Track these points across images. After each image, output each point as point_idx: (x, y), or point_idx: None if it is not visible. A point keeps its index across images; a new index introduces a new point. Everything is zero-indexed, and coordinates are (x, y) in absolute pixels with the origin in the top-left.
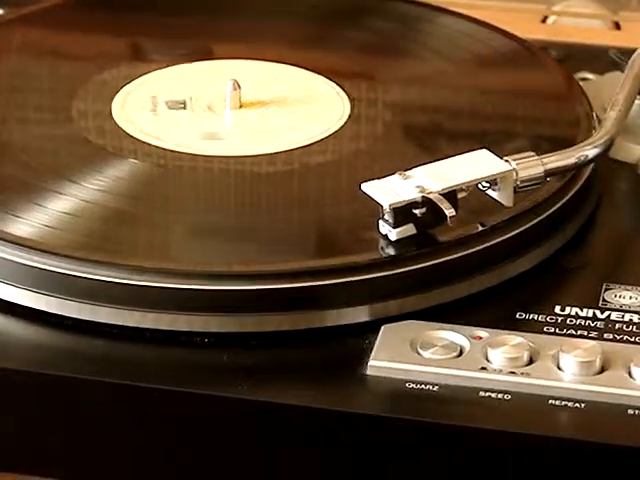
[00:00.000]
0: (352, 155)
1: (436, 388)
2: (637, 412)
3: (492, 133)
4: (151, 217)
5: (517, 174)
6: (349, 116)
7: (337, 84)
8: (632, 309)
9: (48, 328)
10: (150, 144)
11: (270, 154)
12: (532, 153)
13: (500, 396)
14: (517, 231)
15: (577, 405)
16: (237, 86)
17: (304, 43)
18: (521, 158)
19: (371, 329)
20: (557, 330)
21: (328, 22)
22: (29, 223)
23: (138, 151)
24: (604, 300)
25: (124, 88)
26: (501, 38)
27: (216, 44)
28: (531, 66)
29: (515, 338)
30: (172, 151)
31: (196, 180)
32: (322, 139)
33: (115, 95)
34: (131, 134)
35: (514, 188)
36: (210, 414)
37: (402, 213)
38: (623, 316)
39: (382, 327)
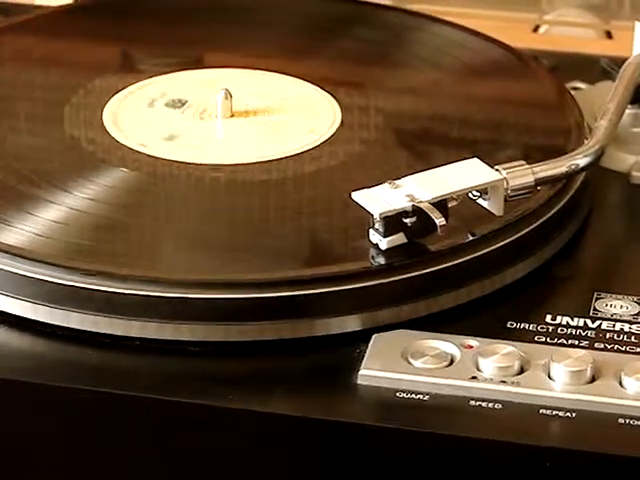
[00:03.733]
0: (343, 164)
1: (427, 397)
2: (628, 421)
3: (483, 142)
4: (142, 226)
5: (507, 183)
6: (340, 125)
7: (329, 93)
8: (623, 318)
9: (39, 337)
10: (141, 153)
11: (261, 163)
12: (523, 162)
13: (491, 405)
14: (508, 240)
15: (568, 414)
16: (228, 95)
17: (296, 52)
18: (511, 167)
19: (362, 338)
20: (548, 339)
21: (320, 31)
22: (20, 231)
23: (129, 160)
24: (595, 309)
25: (116, 96)
26: (493, 47)
27: (208, 53)
28: (523, 75)
29: (506, 347)
30: (163, 159)
31: (187, 189)
32: (313, 148)
33: (107, 103)
34: (123, 143)
35: (504, 197)
36: (200, 424)
37: (392, 222)
38: (614, 325)
39: (373, 336)
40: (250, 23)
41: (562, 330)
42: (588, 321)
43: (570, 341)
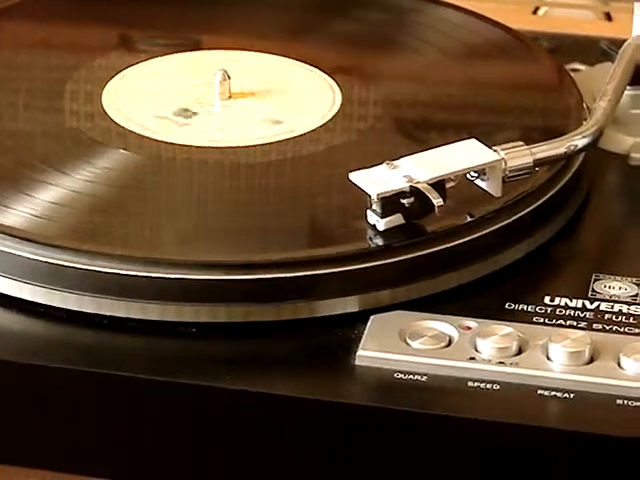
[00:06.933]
0: (342, 146)
1: (425, 378)
2: (626, 402)
3: (483, 124)
4: (141, 207)
5: (506, 164)
6: (339, 107)
7: (328, 75)
8: (621, 300)
9: (36, 318)
10: (140, 134)
11: (260, 145)
12: (521, 143)
13: (489, 386)
14: (506, 221)
15: (566, 395)
16: (227, 76)
17: (295, 34)
18: (510, 148)
19: (360, 319)
20: (546, 320)
21: (319, 13)
22: (17, 213)
23: (128, 141)
24: (593, 290)
25: (114, 78)
26: (492, 29)
27: (206, 35)
28: (522, 57)
29: (504, 328)
30: (161, 141)
31: (185, 171)
32: (312, 130)
33: (105, 85)
34: (121, 124)
35: (503, 178)
36: (197, 404)
37: (390, 203)
38: (612, 306)
39: (370, 317)
40: (249, 5)
41: (560, 311)
42: (587, 302)
43: (568, 322)
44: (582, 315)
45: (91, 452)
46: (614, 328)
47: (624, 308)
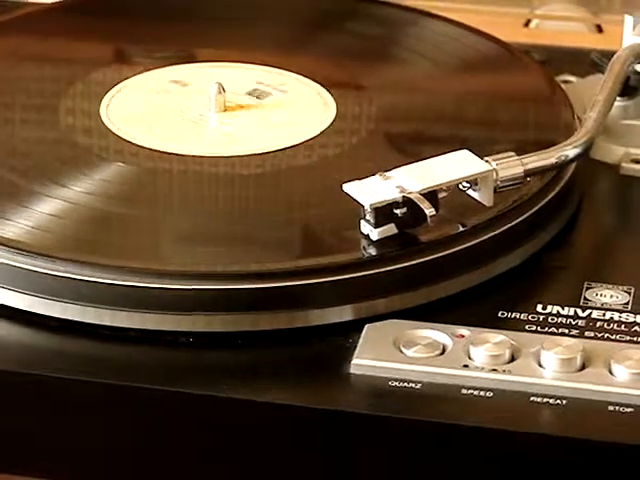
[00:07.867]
0: (335, 157)
1: (419, 386)
2: (617, 408)
3: (475, 136)
4: (139, 218)
5: (497, 174)
6: (334, 118)
7: (322, 87)
8: (613, 307)
9: (34, 328)
10: (136, 146)
11: (254, 156)
12: (512, 153)
13: (482, 393)
14: (499, 231)
15: (558, 402)
16: (222, 90)
17: (289, 47)
18: (501, 158)
19: (354, 328)
20: (539, 328)
21: (313, 26)
22: (15, 224)
23: (125, 153)
24: (585, 299)
25: (110, 91)
26: (484, 41)
27: (201, 48)
28: (514, 69)
29: (497, 336)
30: (158, 152)
31: (181, 182)
32: (306, 141)
33: (102, 98)
34: (118, 136)
35: (494, 188)
36: (194, 413)
37: (383, 213)
38: (604, 314)
39: (365, 326)
40: (244, 18)
41: (552, 319)
42: (578, 310)
43: (560, 330)
44: (574, 323)
45: (87, 461)
46: (605, 335)
47: (615, 316)
